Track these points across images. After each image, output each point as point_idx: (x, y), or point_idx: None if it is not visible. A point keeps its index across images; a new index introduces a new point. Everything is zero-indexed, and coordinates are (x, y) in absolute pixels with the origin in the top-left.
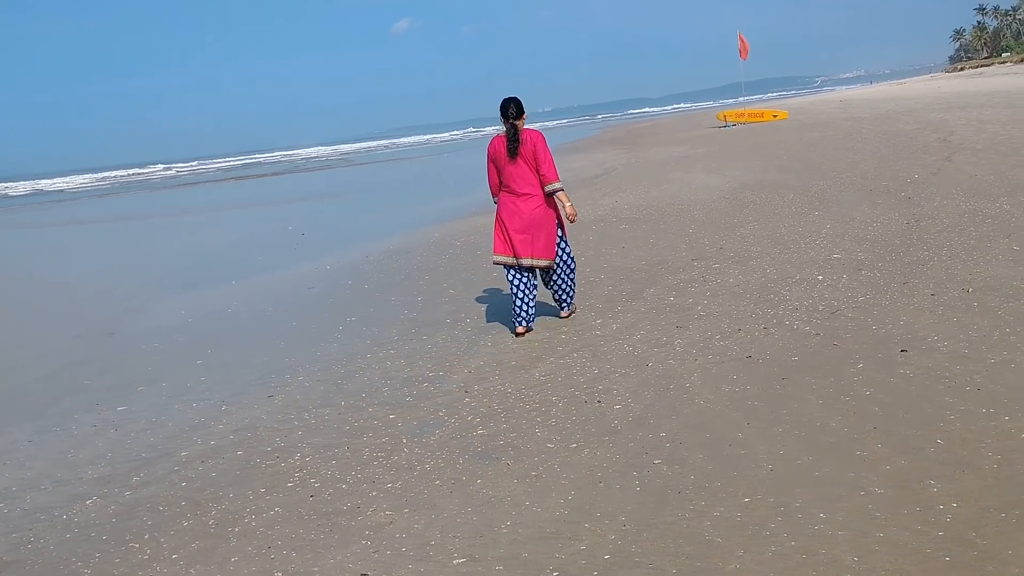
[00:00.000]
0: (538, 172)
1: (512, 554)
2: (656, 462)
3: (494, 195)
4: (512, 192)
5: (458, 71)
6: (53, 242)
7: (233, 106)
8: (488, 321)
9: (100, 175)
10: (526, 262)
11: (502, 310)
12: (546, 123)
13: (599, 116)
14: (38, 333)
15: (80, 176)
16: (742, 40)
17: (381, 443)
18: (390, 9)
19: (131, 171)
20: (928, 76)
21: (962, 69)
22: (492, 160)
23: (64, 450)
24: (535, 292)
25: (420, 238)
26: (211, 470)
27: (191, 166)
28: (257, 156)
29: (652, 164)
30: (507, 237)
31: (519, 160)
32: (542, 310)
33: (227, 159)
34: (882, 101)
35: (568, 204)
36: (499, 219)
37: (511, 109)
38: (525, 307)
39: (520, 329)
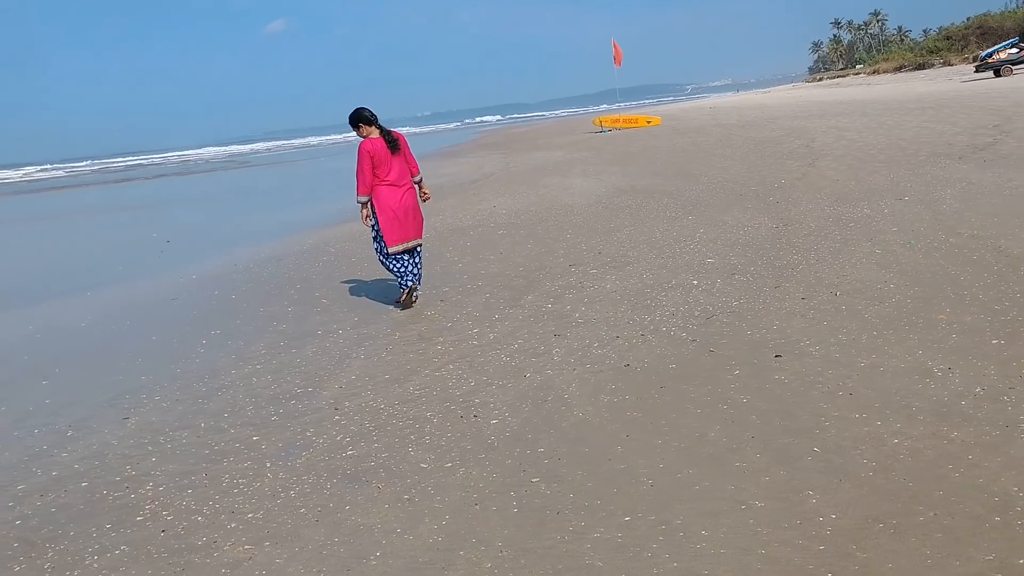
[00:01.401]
0: (408, 165)
1: None
2: (534, 480)
3: (365, 193)
4: (392, 184)
5: (340, 73)
6: None
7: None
8: (362, 331)
9: None
10: (411, 243)
11: (377, 319)
12: (424, 128)
13: (490, 118)
14: None
15: None
16: (616, 47)
17: (243, 468)
18: (262, 10)
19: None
20: (790, 85)
21: (820, 79)
22: (372, 159)
23: None
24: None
25: (293, 245)
26: (51, 505)
27: (72, 167)
28: (144, 157)
29: (530, 169)
30: (402, 225)
31: (399, 155)
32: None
33: (114, 159)
34: (749, 108)
35: (426, 189)
36: (390, 211)
37: (371, 115)
38: (411, 276)
39: (409, 295)
